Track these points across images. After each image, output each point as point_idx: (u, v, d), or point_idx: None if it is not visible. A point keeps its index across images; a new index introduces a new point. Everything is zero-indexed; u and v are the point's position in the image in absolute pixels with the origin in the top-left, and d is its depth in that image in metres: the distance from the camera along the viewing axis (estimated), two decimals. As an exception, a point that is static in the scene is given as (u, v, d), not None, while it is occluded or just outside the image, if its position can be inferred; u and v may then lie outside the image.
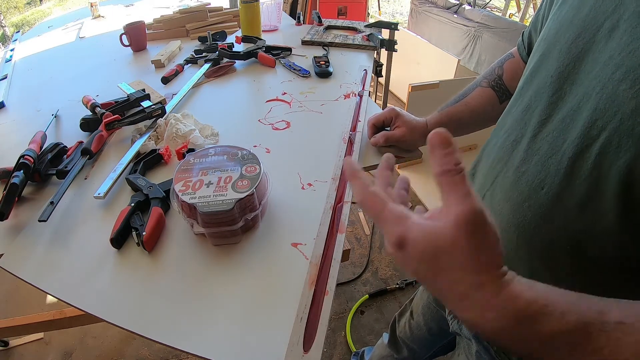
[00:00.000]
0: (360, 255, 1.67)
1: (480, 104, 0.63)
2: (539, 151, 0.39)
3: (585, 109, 0.34)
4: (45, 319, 1.02)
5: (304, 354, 0.40)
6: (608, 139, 0.32)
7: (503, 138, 0.45)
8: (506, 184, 0.42)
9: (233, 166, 0.55)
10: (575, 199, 0.35)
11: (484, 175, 0.48)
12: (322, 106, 0.86)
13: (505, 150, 0.44)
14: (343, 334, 1.38)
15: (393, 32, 1.34)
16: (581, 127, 0.34)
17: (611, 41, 0.34)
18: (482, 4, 3.56)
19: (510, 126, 0.45)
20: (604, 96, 0.33)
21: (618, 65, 0.32)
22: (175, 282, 0.49)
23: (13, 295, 1.48)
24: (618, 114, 0.31)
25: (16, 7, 5.92)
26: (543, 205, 0.37)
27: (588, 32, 0.36)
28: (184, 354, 0.43)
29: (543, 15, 0.49)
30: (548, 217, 0.37)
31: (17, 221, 0.58)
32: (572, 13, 0.39)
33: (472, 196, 0.26)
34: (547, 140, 0.38)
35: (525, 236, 0.40)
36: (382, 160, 0.36)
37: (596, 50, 0.35)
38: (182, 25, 1.30)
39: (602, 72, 0.34)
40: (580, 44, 0.37)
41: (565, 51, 0.38)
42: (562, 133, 0.37)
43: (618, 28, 0.33)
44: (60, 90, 1.00)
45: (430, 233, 0.27)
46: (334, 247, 0.52)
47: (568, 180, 0.35)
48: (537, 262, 0.40)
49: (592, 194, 0.33)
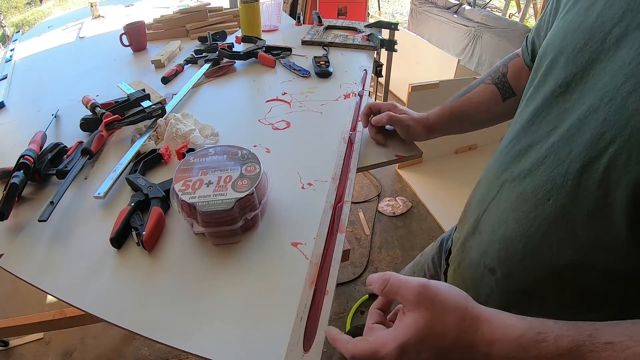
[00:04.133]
0: (360, 255, 1.67)
1: (483, 100, 0.63)
2: (545, 161, 0.38)
3: (593, 119, 0.34)
4: (45, 319, 1.02)
5: (304, 354, 0.40)
6: (617, 152, 0.31)
7: (509, 147, 0.45)
8: (512, 194, 0.42)
9: (233, 166, 0.55)
10: (582, 211, 0.34)
11: (489, 184, 0.47)
12: (322, 106, 0.86)
13: (512, 159, 0.43)
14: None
15: (393, 32, 1.34)
16: (588, 139, 0.34)
17: (620, 50, 0.33)
18: (482, 4, 3.56)
19: (516, 134, 0.44)
20: (612, 108, 0.32)
21: (628, 76, 0.31)
22: (175, 281, 0.49)
23: (13, 295, 1.48)
24: (627, 127, 0.30)
25: (16, 7, 5.92)
26: (549, 216, 0.37)
27: (595, 39, 0.36)
28: (184, 354, 0.43)
29: (547, 22, 0.48)
30: (554, 228, 0.37)
31: (17, 221, 0.58)
32: (579, 20, 0.38)
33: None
34: (552, 151, 0.38)
35: (531, 246, 0.39)
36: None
37: (605, 59, 0.34)
38: (182, 25, 1.30)
39: (610, 83, 0.33)
40: (587, 53, 0.36)
41: (572, 60, 0.38)
42: (568, 143, 0.36)
43: (627, 36, 0.32)
44: (60, 90, 1.00)
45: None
46: (334, 247, 0.52)
47: (575, 192, 0.35)
48: (542, 272, 0.40)
49: (600, 207, 0.33)
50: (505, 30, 2.55)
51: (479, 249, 0.47)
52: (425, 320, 0.32)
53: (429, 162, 2.13)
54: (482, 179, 0.51)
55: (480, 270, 0.47)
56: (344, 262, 1.44)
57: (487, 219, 0.46)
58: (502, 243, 0.43)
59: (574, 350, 0.28)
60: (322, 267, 0.49)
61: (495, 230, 0.44)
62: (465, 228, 0.52)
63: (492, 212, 0.45)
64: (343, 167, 0.66)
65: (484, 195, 0.48)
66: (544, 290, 0.40)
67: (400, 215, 1.86)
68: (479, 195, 0.50)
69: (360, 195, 2.00)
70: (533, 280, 0.40)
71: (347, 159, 0.68)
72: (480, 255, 0.47)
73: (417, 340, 0.32)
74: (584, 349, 0.28)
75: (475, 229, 0.48)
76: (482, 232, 0.47)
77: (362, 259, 1.65)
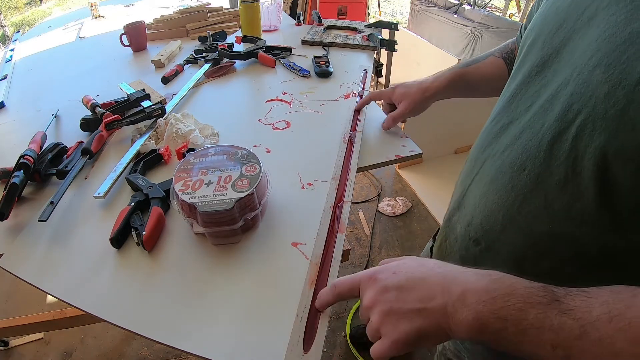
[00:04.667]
0: (360, 255, 1.67)
1: (491, 70, 0.66)
2: (521, 135, 0.40)
3: (563, 94, 0.36)
4: (45, 319, 1.02)
5: (304, 354, 0.40)
6: (584, 122, 0.33)
7: (491, 125, 0.47)
8: (493, 168, 0.44)
9: (233, 166, 0.55)
10: (554, 179, 0.36)
11: (473, 160, 0.49)
12: (322, 106, 0.86)
13: (493, 136, 0.45)
14: (343, 334, 1.38)
15: (393, 32, 1.34)
16: (559, 111, 0.36)
17: (590, 29, 0.35)
18: (482, 4, 3.56)
19: (497, 113, 0.46)
20: (579, 81, 0.34)
21: (594, 51, 0.33)
22: (175, 281, 0.49)
23: (13, 295, 1.48)
24: (592, 98, 0.32)
25: (16, 7, 5.92)
26: (525, 186, 0.39)
27: (569, 21, 0.38)
28: (184, 354, 0.43)
29: (536, 8, 0.50)
30: (530, 198, 0.38)
31: (17, 221, 0.58)
32: (558, 4, 0.40)
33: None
34: (528, 125, 0.40)
35: (510, 216, 0.41)
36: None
37: (576, 37, 0.36)
38: (182, 25, 1.30)
39: (580, 59, 0.35)
40: (562, 34, 0.38)
41: (549, 41, 0.40)
42: (542, 117, 0.38)
43: (597, 16, 0.34)
44: (60, 90, 1.00)
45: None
46: (334, 247, 0.52)
47: (547, 162, 0.36)
48: (520, 242, 0.41)
49: (570, 175, 0.34)
50: (505, 30, 2.55)
51: (464, 222, 0.49)
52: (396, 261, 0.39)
53: (429, 162, 2.13)
54: (468, 157, 0.53)
55: (465, 242, 0.48)
56: (344, 262, 1.44)
57: (471, 193, 0.48)
58: (484, 214, 0.44)
59: (549, 292, 0.29)
60: (322, 267, 0.49)
61: (477, 203, 0.45)
62: (451, 205, 0.54)
63: (475, 186, 0.47)
64: (343, 167, 0.66)
65: (468, 172, 0.50)
66: (522, 260, 0.41)
67: (400, 215, 1.86)
68: (464, 173, 0.52)
69: (360, 195, 2.00)
70: (512, 250, 0.42)
71: (347, 159, 0.68)
72: (465, 228, 0.48)
73: (390, 264, 0.38)
74: (559, 293, 0.29)
75: (460, 203, 0.50)
76: (466, 206, 0.48)
77: (362, 259, 1.65)
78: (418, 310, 0.33)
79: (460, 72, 0.68)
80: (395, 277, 0.36)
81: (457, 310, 0.31)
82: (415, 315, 0.33)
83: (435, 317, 0.32)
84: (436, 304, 0.33)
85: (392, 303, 0.34)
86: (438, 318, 0.32)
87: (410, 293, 0.34)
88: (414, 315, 0.33)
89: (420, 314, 0.33)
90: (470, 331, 0.31)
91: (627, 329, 0.25)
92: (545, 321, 0.28)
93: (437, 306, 0.32)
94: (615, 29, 0.32)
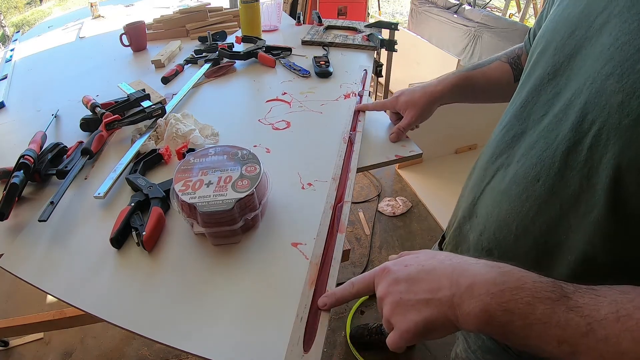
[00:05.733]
0: (360, 255, 1.67)
1: (496, 75, 0.65)
2: (535, 145, 0.40)
3: (577, 103, 0.35)
4: (45, 319, 1.02)
5: (304, 354, 0.40)
6: (598, 132, 0.33)
7: (502, 133, 0.46)
8: (506, 177, 0.43)
9: (233, 166, 0.55)
10: (569, 191, 0.36)
11: (483, 169, 0.49)
12: (322, 106, 0.86)
13: (505, 146, 0.45)
14: (343, 334, 1.38)
15: (393, 32, 1.34)
16: (573, 121, 0.35)
17: (602, 36, 0.34)
18: (482, 4, 3.56)
19: (509, 121, 0.46)
20: (593, 90, 0.34)
21: (607, 59, 0.33)
22: (175, 282, 0.49)
23: (13, 295, 1.48)
24: (606, 108, 0.32)
25: (16, 7, 5.92)
26: (540, 196, 0.39)
27: (581, 28, 0.37)
28: (184, 354, 0.43)
29: (545, 14, 0.49)
30: (545, 209, 0.38)
31: (17, 221, 0.58)
32: (569, 10, 0.40)
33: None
34: (542, 135, 0.39)
35: (524, 227, 0.41)
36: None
37: (588, 45, 0.36)
38: (182, 25, 1.30)
39: (592, 67, 0.35)
40: (574, 41, 0.38)
41: (560, 48, 0.39)
42: (556, 127, 0.38)
43: (609, 23, 0.34)
44: (60, 90, 1.00)
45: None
46: (334, 247, 0.52)
47: (562, 172, 0.36)
48: (533, 252, 0.41)
49: (585, 186, 0.34)
50: (505, 30, 2.55)
51: (476, 231, 0.48)
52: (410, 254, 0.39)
53: (429, 162, 2.13)
54: (476, 164, 0.53)
55: (478, 252, 0.48)
56: (344, 262, 1.44)
57: (483, 202, 0.47)
58: (497, 224, 0.44)
59: (558, 288, 0.30)
60: (322, 267, 0.49)
61: (490, 212, 0.45)
62: (460, 213, 0.53)
63: (487, 195, 0.47)
64: (343, 167, 0.66)
65: (479, 179, 0.49)
66: (536, 270, 0.41)
67: (400, 215, 1.86)
68: (473, 180, 0.51)
69: (360, 195, 2.00)
70: (526, 260, 0.41)
71: (347, 159, 0.68)
72: (477, 238, 0.48)
73: (403, 258, 0.39)
74: (568, 289, 0.29)
75: (472, 212, 0.50)
76: (478, 215, 0.48)
77: (362, 259, 1.65)
78: (426, 301, 0.34)
79: (466, 75, 0.68)
80: (406, 270, 0.36)
81: (465, 301, 0.31)
82: (423, 306, 0.34)
83: (442, 307, 0.33)
84: (443, 295, 0.33)
85: (402, 294, 0.35)
86: (445, 309, 0.33)
87: (420, 284, 0.35)
88: (422, 306, 0.34)
89: (428, 304, 0.33)
90: (477, 323, 0.31)
91: (635, 329, 0.25)
92: (552, 317, 0.28)
93: (444, 297, 0.33)
94: (629, 36, 0.31)
